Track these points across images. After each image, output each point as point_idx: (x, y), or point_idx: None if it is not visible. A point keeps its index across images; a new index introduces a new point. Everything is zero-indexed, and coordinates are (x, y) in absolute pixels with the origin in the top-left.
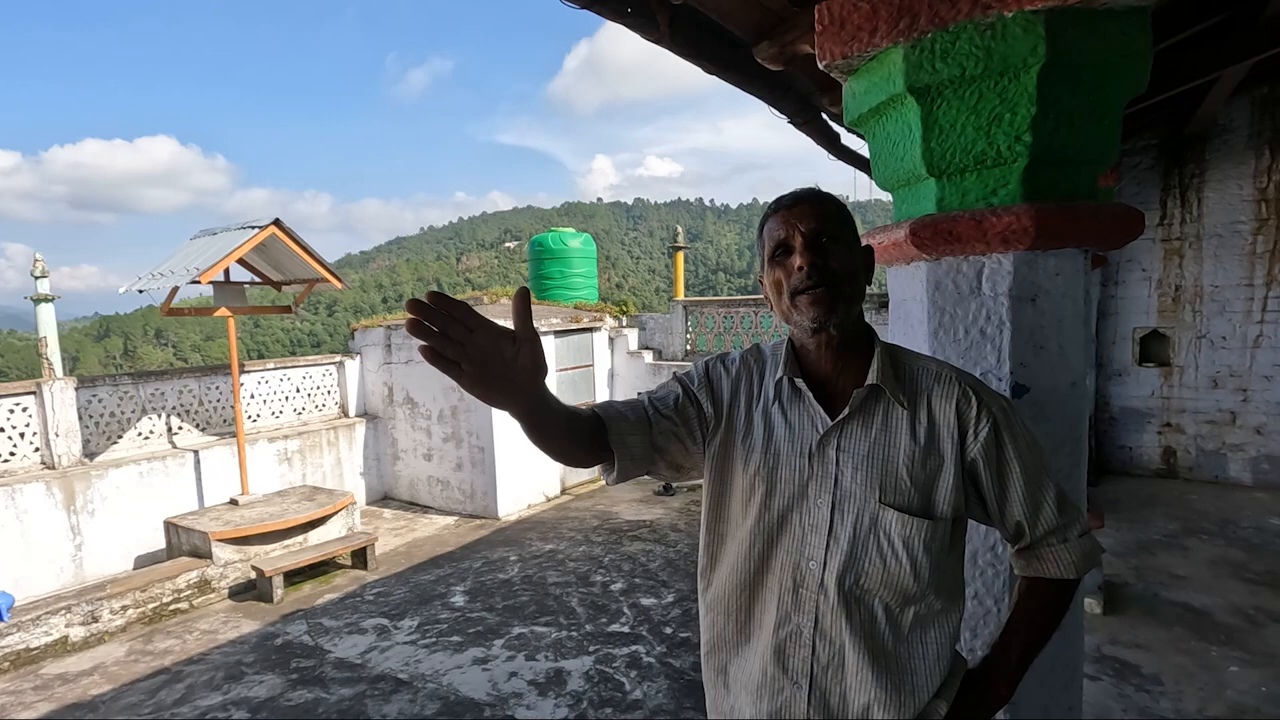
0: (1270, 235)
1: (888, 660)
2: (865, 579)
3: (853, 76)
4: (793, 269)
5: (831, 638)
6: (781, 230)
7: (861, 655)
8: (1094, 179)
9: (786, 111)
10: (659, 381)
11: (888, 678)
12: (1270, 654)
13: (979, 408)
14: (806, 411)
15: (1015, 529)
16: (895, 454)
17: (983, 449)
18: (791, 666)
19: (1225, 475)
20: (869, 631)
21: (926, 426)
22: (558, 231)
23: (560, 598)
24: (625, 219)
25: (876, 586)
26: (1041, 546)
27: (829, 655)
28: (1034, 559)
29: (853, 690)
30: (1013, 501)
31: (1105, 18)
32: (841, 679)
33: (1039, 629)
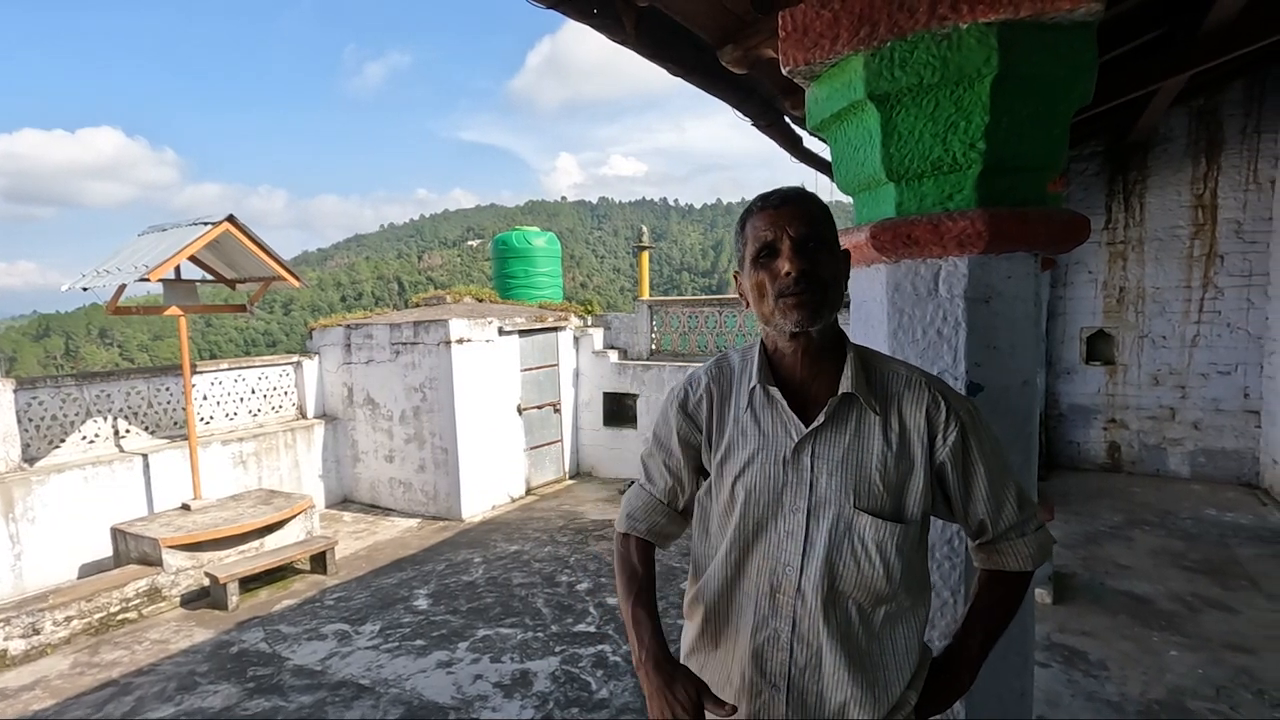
0: (1206, 240)
1: (862, 658)
2: (840, 582)
3: (815, 82)
4: (778, 272)
5: (809, 640)
6: (769, 231)
7: (837, 656)
8: (1044, 185)
9: (750, 114)
10: (624, 381)
11: (862, 675)
12: (1206, 638)
13: (948, 413)
14: (780, 419)
15: (978, 526)
16: (869, 459)
17: (950, 453)
18: (769, 670)
19: (1165, 469)
20: (844, 633)
21: (898, 432)
22: (522, 230)
23: (526, 599)
24: (590, 218)
25: (851, 589)
26: (1001, 541)
27: (806, 658)
28: (994, 553)
29: (829, 690)
30: (977, 500)
31: (1054, 31)
32: (819, 679)
33: (998, 618)
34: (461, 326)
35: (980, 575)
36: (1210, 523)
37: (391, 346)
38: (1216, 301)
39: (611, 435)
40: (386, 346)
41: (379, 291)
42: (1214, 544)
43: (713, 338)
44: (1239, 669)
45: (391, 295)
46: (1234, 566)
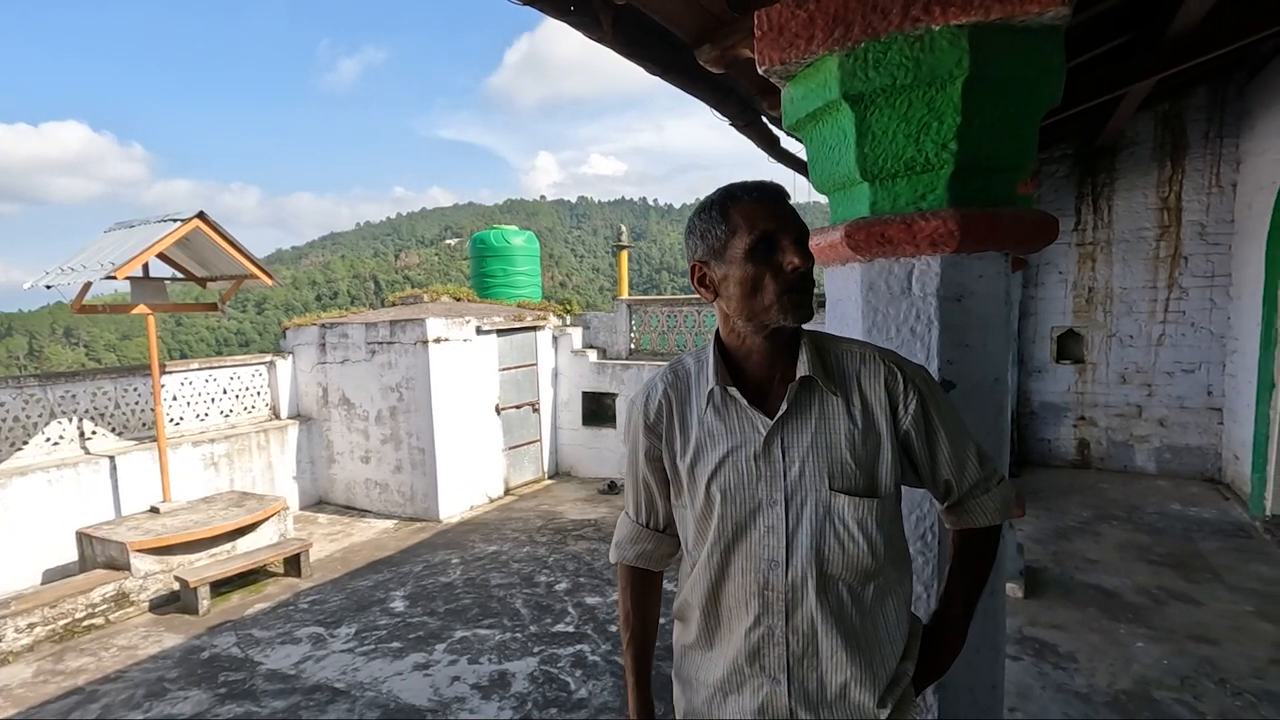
0: (1171, 241)
1: (857, 638)
2: (829, 566)
3: (791, 82)
4: (782, 268)
5: (803, 631)
6: (769, 224)
7: (834, 639)
8: (1014, 186)
9: (728, 114)
10: (603, 380)
11: (859, 654)
12: (1171, 629)
13: (905, 382)
14: (744, 416)
15: (945, 487)
16: (837, 439)
17: (913, 420)
18: (768, 664)
19: (1133, 465)
20: (838, 616)
21: (860, 408)
22: (500, 229)
23: (504, 599)
24: (569, 217)
25: (839, 571)
26: (969, 500)
27: (802, 647)
28: (963, 512)
29: (829, 674)
30: (941, 464)
31: (1023, 34)
32: (817, 665)
33: (976, 576)
34: (439, 325)
35: (953, 537)
36: (1175, 517)
37: (367, 346)
38: (1181, 301)
39: (590, 434)
40: (362, 346)
41: (355, 290)
42: (1179, 538)
43: (691, 336)
44: (1202, 659)
45: (368, 294)
46: (1197, 559)
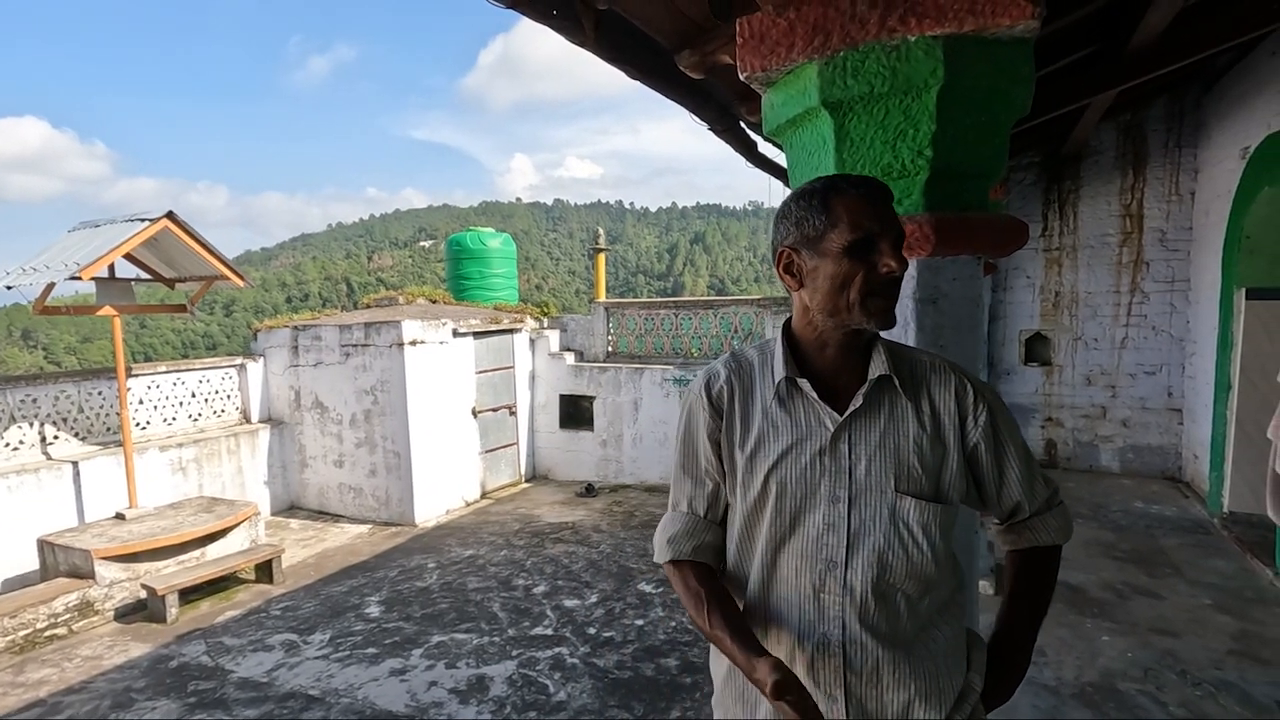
0: (1133, 247)
1: (919, 651)
2: (890, 573)
3: (771, 89)
4: (877, 268)
5: (862, 641)
6: (875, 223)
7: (894, 653)
8: (986, 192)
9: (706, 119)
10: (580, 383)
11: (923, 668)
12: (1134, 623)
13: (975, 395)
14: (812, 409)
15: (1014, 507)
16: (905, 442)
17: (983, 434)
18: (824, 680)
19: (1098, 464)
20: (894, 627)
21: (930, 415)
22: (476, 231)
23: (481, 603)
24: (545, 220)
25: (900, 579)
26: (1034, 519)
27: (861, 660)
28: (1026, 530)
29: (890, 691)
30: (1010, 483)
31: (994, 45)
32: (878, 682)
33: (1041, 595)
34: (414, 328)
35: (1013, 557)
36: (1138, 514)
37: (341, 348)
38: (1143, 306)
39: (568, 437)
40: (336, 348)
41: (327, 292)
42: (1141, 535)
43: (669, 340)
44: (1164, 651)
45: (340, 296)
46: (1159, 555)
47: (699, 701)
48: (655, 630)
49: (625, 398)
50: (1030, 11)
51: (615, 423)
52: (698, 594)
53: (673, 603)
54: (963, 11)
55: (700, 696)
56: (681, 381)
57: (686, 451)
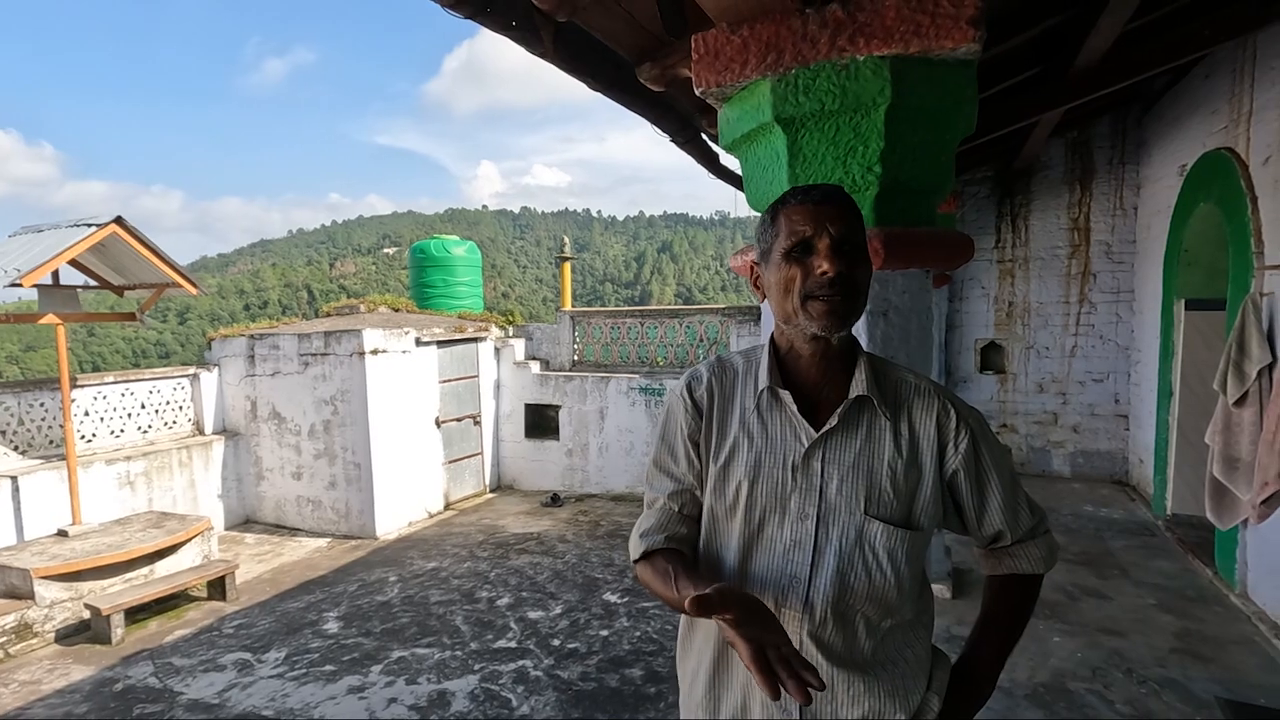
0: (1081, 259)
1: (877, 671)
2: (850, 595)
3: (727, 103)
4: (812, 271)
5: (817, 660)
6: (807, 226)
7: (850, 672)
8: (934, 207)
9: (668, 130)
10: (546, 392)
11: (879, 687)
12: (1084, 624)
13: (957, 420)
14: (789, 423)
15: (994, 535)
16: (880, 465)
17: (963, 461)
18: (785, 701)
19: (1050, 469)
20: (851, 647)
21: (908, 439)
22: (441, 238)
23: (443, 617)
24: (512, 227)
25: (861, 602)
26: (1016, 547)
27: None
28: (1006, 557)
29: (845, 708)
30: (992, 511)
31: (939, 66)
32: (832, 699)
33: (1014, 623)
34: (376, 337)
35: (991, 582)
36: (1088, 518)
37: (300, 357)
38: (1091, 315)
39: (533, 447)
40: (294, 357)
41: (286, 300)
42: (1091, 537)
43: (635, 349)
44: (1112, 651)
45: (300, 304)
46: (1107, 557)
47: (663, 711)
48: (620, 640)
49: (591, 407)
50: (971, 35)
51: (581, 432)
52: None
53: (638, 613)
54: (908, 33)
55: (665, 706)
56: (648, 390)
57: (665, 449)
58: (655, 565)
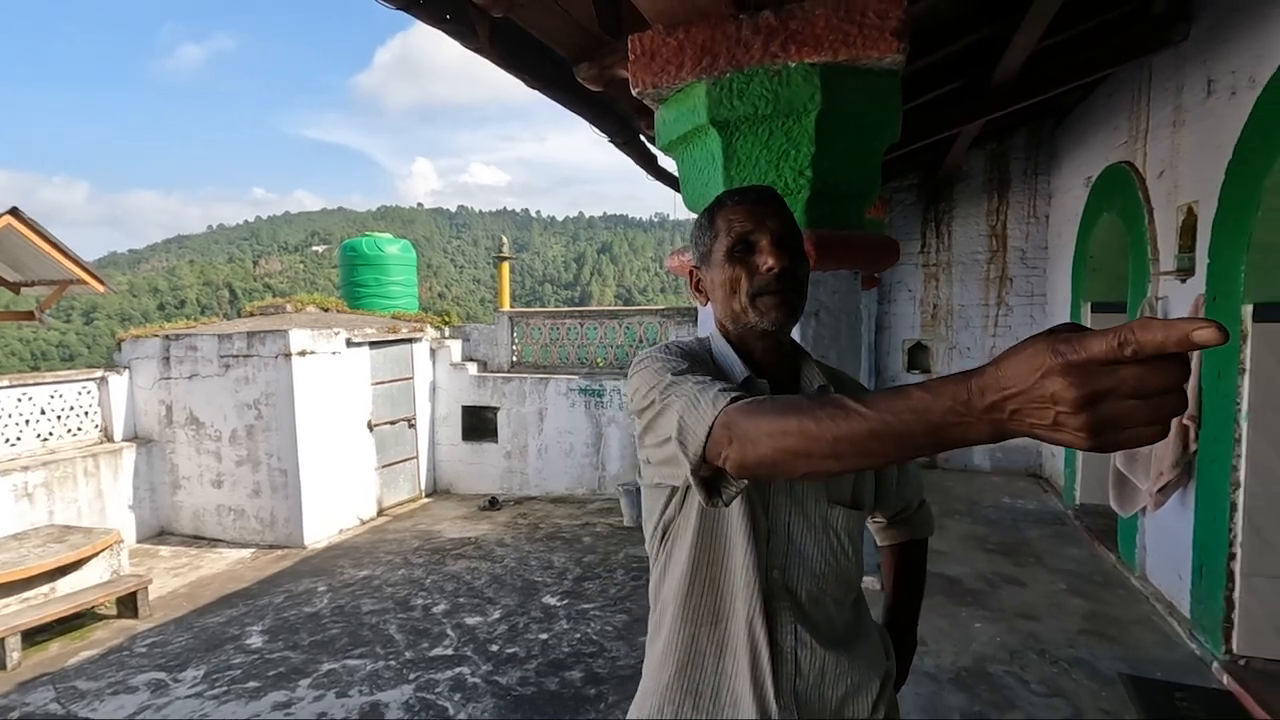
0: (999, 264)
1: (851, 647)
2: (824, 579)
3: (663, 105)
4: (758, 268)
5: (811, 645)
6: (747, 224)
7: (836, 651)
8: (862, 211)
9: (607, 131)
10: (483, 394)
11: (857, 663)
12: (1004, 610)
13: None
14: None
15: (903, 506)
16: None
17: None
18: (784, 688)
19: (972, 464)
20: (833, 627)
21: None
22: (373, 236)
23: (376, 626)
24: (448, 226)
25: (832, 584)
26: (913, 515)
27: (810, 663)
28: (904, 525)
29: (830, 688)
30: (904, 486)
31: (866, 75)
32: (821, 681)
33: (922, 580)
34: (304, 337)
35: (897, 550)
36: (1006, 509)
37: (220, 359)
38: (1008, 317)
39: (471, 450)
40: (214, 359)
41: (206, 299)
42: (1009, 528)
43: (575, 350)
44: (1027, 634)
45: (221, 303)
46: (1024, 546)
47: (603, 712)
48: (559, 643)
49: (530, 408)
50: (896, 46)
51: (520, 434)
52: (797, 405)
53: (578, 615)
54: (837, 43)
55: (605, 707)
56: (588, 391)
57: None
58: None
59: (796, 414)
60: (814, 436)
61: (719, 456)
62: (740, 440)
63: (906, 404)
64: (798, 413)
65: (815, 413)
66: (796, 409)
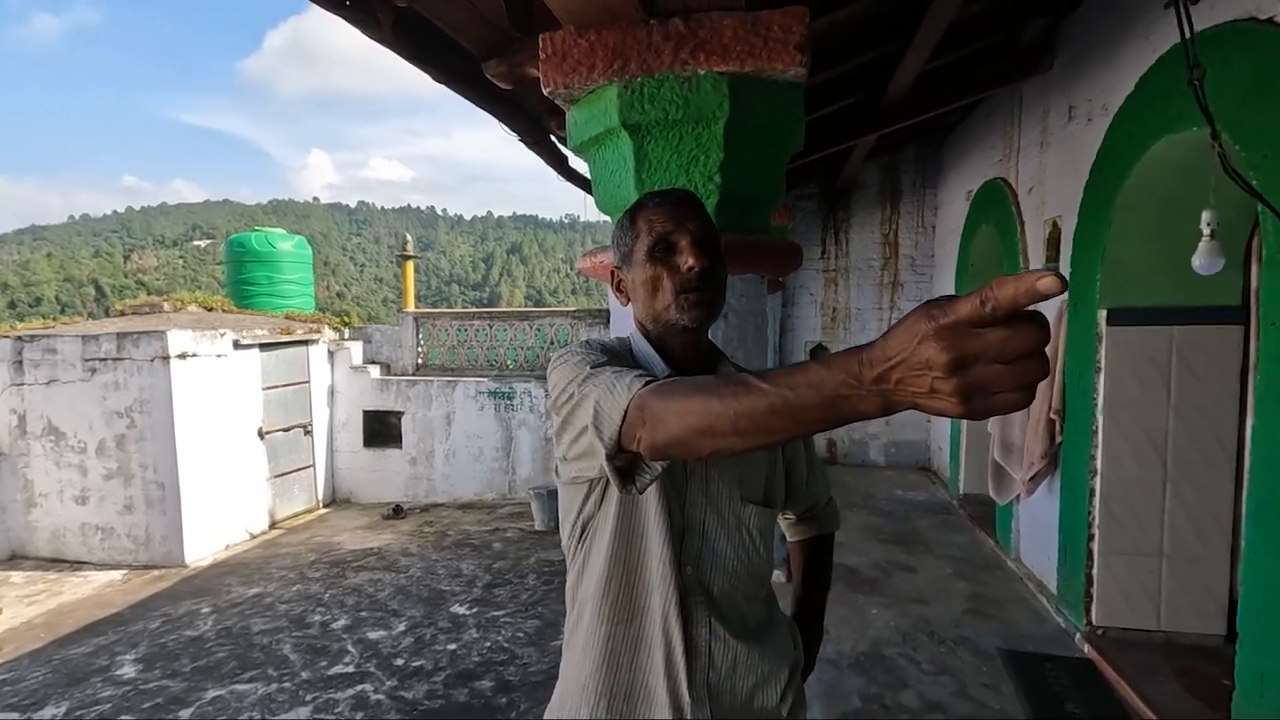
0: (892, 270)
1: (764, 637)
2: (737, 576)
3: (575, 106)
4: (679, 268)
5: (724, 638)
6: (668, 225)
7: (749, 643)
8: (768, 218)
9: (517, 130)
10: (387, 398)
11: (767, 653)
12: (897, 596)
13: None
14: None
15: (813, 504)
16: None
17: (800, 447)
18: (697, 681)
19: (868, 459)
20: (745, 621)
21: None
22: (264, 231)
23: (268, 647)
24: (348, 223)
25: (744, 581)
26: (820, 511)
27: (723, 656)
28: (812, 521)
29: (741, 680)
30: (814, 483)
31: (772, 86)
32: (733, 673)
33: (829, 573)
34: (184, 339)
35: (806, 545)
36: (899, 501)
37: (85, 363)
38: None
39: (373, 456)
40: (78, 363)
41: (67, 297)
42: (901, 519)
43: (483, 351)
44: (918, 618)
45: (86, 302)
46: (915, 535)
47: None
48: (469, 653)
49: (437, 412)
50: (799, 60)
51: (426, 439)
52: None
53: (488, 623)
54: (744, 54)
55: (517, 715)
56: (498, 394)
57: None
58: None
59: (702, 392)
60: (717, 414)
61: (633, 439)
62: (652, 421)
63: (804, 378)
64: (703, 391)
65: (720, 390)
66: (703, 387)
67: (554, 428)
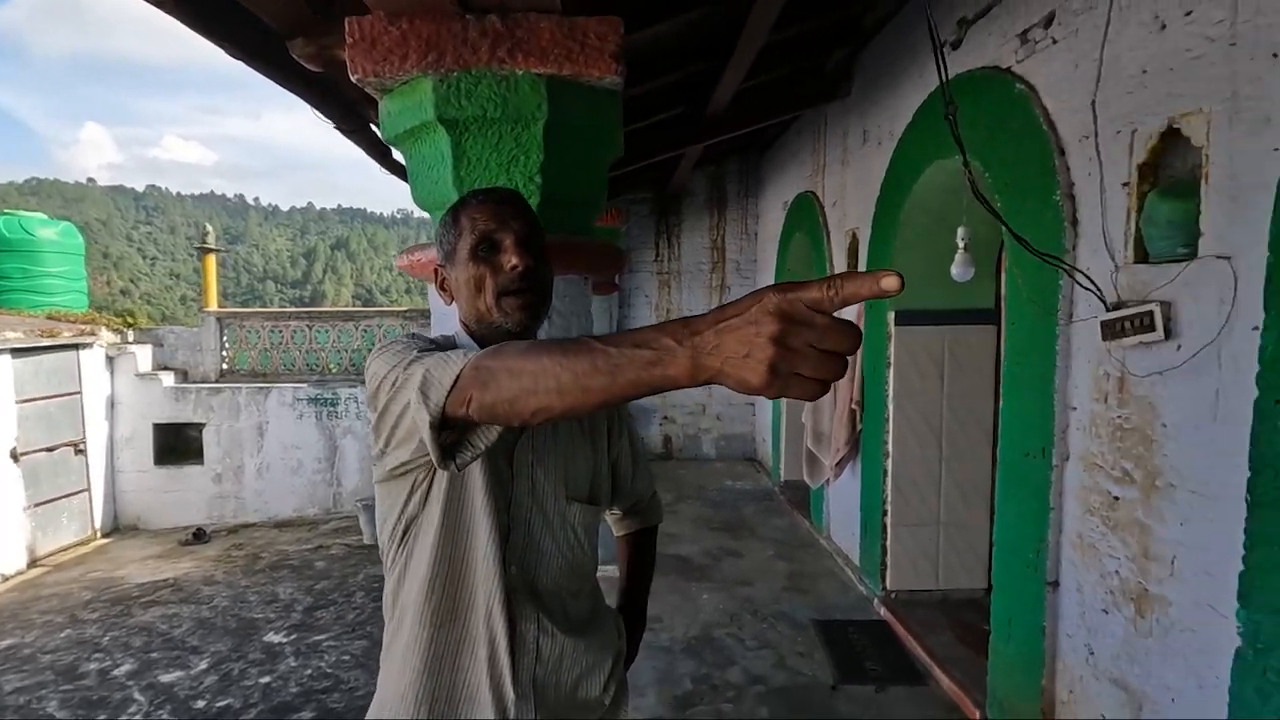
0: (719, 274)
1: (589, 630)
2: (562, 573)
3: (388, 96)
4: (502, 267)
5: (552, 633)
6: (491, 223)
7: (575, 637)
8: (590, 220)
9: (331, 117)
10: (184, 409)
11: (592, 645)
12: (725, 580)
13: (618, 414)
14: None
15: (636, 500)
16: (574, 451)
17: (625, 445)
18: (522, 677)
19: (701, 453)
20: (569, 616)
21: (590, 428)
22: (19, 216)
23: (26, 707)
24: (134, 209)
25: (567, 578)
26: (645, 506)
27: (550, 650)
28: (637, 516)
29: (566, 673)
30: (638, 479)
31: (591, 92)
32: (559, 667)
33: (652, 564)
34: None
35: (632, 539)
36: (728, 491)
37: None
38: None
39: (167, 476)
40: None
41: None
42: (730, 507)
43: (302, 355)
44: (744, 599)
45: None
46: (741, 522)
47: None
48: (286, 684)
49: (246, 423)
50: (614, 69)
51: (234, 453)
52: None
53: (308, 649)
54: (560, 57)
55: None
56: (319, 401)
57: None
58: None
59: (536, 349)
60: (545, 369)
61: (464, 402)
62: (485, 379)
63: (632, 337)
64: (538, 348)
65: (551, 349)
66: (539, 346)
67: (371, 422)
